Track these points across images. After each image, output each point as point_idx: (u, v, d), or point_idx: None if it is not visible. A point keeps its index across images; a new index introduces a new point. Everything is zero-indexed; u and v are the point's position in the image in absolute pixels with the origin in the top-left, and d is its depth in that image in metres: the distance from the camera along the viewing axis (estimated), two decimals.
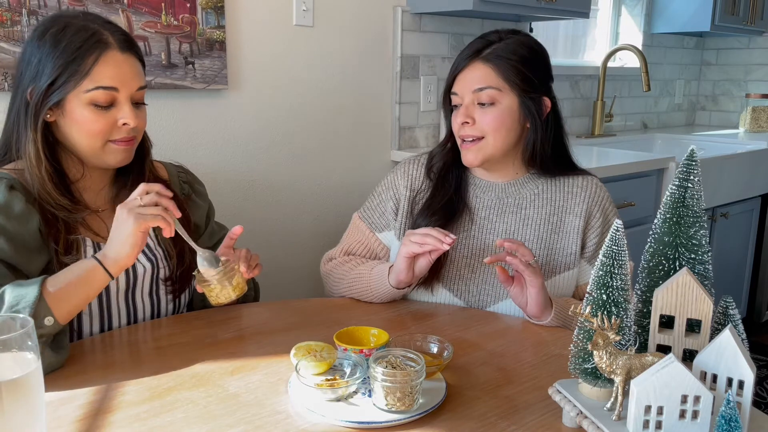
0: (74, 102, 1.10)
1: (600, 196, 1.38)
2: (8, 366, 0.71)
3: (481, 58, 1.31)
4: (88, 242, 1.17)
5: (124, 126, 1.14)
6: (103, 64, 1.10)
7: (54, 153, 1.15)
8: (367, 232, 1.45)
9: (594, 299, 0.83)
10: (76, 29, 1.10)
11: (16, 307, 0.95)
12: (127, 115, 1.13)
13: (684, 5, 3.21)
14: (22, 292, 0.97)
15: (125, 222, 1.03)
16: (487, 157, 1.33)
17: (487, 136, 1.31)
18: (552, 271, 1.35)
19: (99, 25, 1.13)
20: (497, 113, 1.30)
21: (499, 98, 1.30)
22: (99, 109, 1.11)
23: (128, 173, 1.24)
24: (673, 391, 0.75)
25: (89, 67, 1.09)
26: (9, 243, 1.06)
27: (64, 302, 1.00)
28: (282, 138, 1.99)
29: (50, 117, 1.13)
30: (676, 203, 0.85)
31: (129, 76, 1.13)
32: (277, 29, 1.91)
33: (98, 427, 0.85)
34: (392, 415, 0.88)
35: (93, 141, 1.13)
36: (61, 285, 1.01)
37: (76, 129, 1.12)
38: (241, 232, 1.19)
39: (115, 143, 1.15)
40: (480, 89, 1.30)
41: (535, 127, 1.33)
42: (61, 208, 1.13)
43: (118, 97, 1.12)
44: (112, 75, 1.11)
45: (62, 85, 1.09)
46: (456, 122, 1.34)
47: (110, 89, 1.11)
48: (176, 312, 1.30)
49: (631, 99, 3.41)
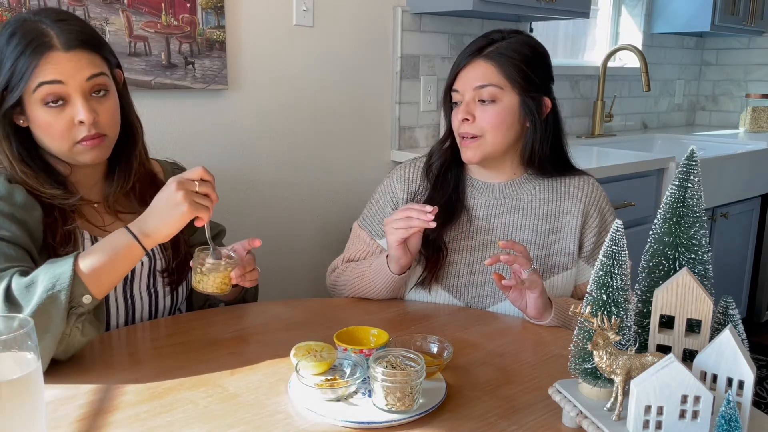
0: (30, 105, 1.09)
1: (596, 195, 1.39)
2: (8, 366, 0.71)
3: (483, 56, 1.31)
4: (86, 234, 1.17)
5: (80, 124, 1.10)
6: (44, 64, 1.07)
7: (38, 154, 1.15)
8: (369, 239, 1.45)
9: (594, 299, 0.83)
10: (24, 31, 1.08)
11: (52, 291, 0.94)
12: (78, 111, 1.09)
13: (684, 5, 3.21)
14: (56, 273, 0.96)
15: (178, 205, 1.01)
16: (486, 154, 1.33)
17: (486, 134, 1.31)
18: (550, 272, 1.35)
19: (48, 24, 1.09)
20: (498, 111, 1.30)
21: (500, 96, 1.30)
22: (52, 108, 1.09)
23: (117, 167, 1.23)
24: (673, 391, 0.75)
25: (32, 68, 1.07)
26: (21, 229, 1.06)
27: (100, 279, 1.00)
28: (282, 138, 1.99)
29: (23, 123, 1.12)
30: (676, 203, 0.85)
31: (74, 70, 1.08)
32: (277, 29, 1.91)
33: (98, 427, 0.85)
34: (392, 415, 0.88)
35: (58, 143, 1.11)
36: (95, 263, 1.00)
37: (41, 133, 1.11)
38: (259, 246, 1.19)
39: (81, 144, 1.12)
40: (481, 86, 1.30)
41: (534, 126, 1.33)
42: (54, 197, 1.12)
43: (68, 91, 1.09)
44: (53, 71, 1.08)
45: (13, 87, 1.08)
46: (456, 119, 1.34)
47: (54, 83, 1.07)
48: (174, 306, 1.30)
49: (631, 99, 3.41)
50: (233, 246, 1.20)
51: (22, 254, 1.05)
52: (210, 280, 1.13)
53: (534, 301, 1.20)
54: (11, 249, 1.04)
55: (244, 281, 1.17)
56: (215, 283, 1.13)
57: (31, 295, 0.95)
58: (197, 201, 1.03)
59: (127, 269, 1.05)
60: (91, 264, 0.99)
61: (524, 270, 1.18)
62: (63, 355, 0.99)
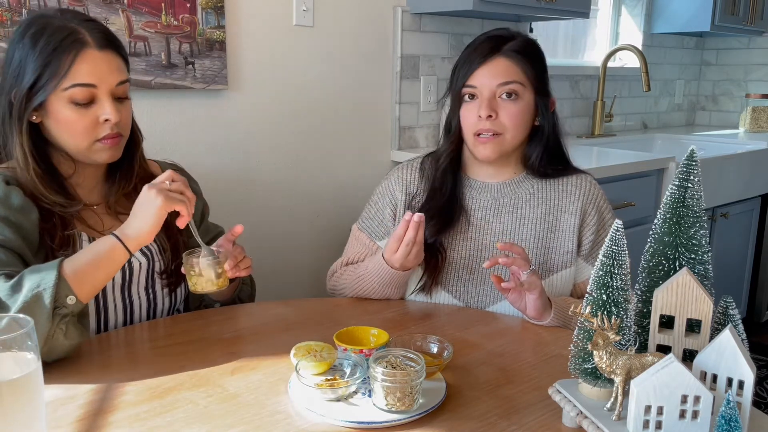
0: (55, 102, 1.10)
1: (594, 194, 1.39)
2: (8, 366, 0.71)
3: (502, 53, 1.32)
4: (84, 237, 1.17)
5: (105, 122, 1.13)
6: (80, 62, 1.09)
7: (44, 152, 1.16)
8: (368, 242, 1.45)
9: (594, 299, 0.83)
10: (54, 29, 1.10)
11: (37, 289, 0.96)
12: (107, 111, 1.12)
13: (684, 5, 3.21)
14: (41, 274, 0.98)
15: (153, 200, 1.04)
16: (503, 152, 1.34)
17: (506, 131, 1.32)
18: (549, 270, 1.36)
19: (77, 23, 1.12)
20: (521, 107, 1.32)
21: (522, 93, 1.32)
22: (79, 107, 1.11)
23: (118, 169, 1.24)
24: (673, 391, 0.75)
25: (67, 66, 1.09)
26: (15, 233, 1.07)
27: (84, 281, 1.02)
28: (282, 138, 1.99)
29: (36, 118, 1.13)
30: (676, 203, 0.85)
31: (107, 72, 1.12)
32: (277, 29, 1.91)
33: (98, 427, 0.85)
34: (392, 415, 0.88)
35: (78, 140, 1.13)
36: (80, 265, 1.02)
37: (61, 129, 1.13)
38: (241, 232, 1.20)
39: (101, 142, 1.14)
40: (505, 83, 1.31)
41: (543, 125, 1.36)
42: (55, 204, 1.13)
43: (98, 93, 1.12)
44: (89, 72, 1.10)
45: (43, 86, 1.09)
46: (472, 116, 1.32)
47: (88, 86, 1.10)
48: (172, 308, 1.30)
49: (631, 99, 3.40)
50: (217, 242, 1.21)
51: (14, 258, 1.06)
52: (205, 279, 1.13)
53: (533, 302, 1.20)
54: (2, 253, 1.05)
55: (239, 271, 1.17)
56: (211, 280, 1.13)
57: (17, 294, 0.96)
58: (170, 195, 1.05)
59: (112, 272, 1.07)
60: (75, 266, 1.02)
61: (523, 271, 1.18)
62: (46, 356, 0.99)
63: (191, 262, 1.13)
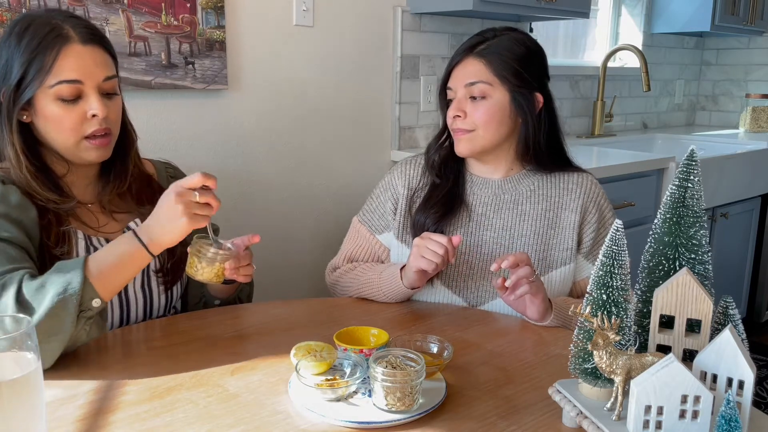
0: (42, 99, 1.10)
1: (595, 192, 1.40)
2: (8, 366, 0.71)
3: (474, 54, 1.35)
4: (80, 234, 1.17)
5: (93, 118, 1.12)
6: (64, 57, 1.09)
7: (37, 151, 1.16)
8: (368, 235, 1.46)
9: (594, 299, 0.83)
10: (38, 26, 1.10)
11: (64, 294, 0.96)
12: (94, 106, 1.12)
13: (684, 5, 3.21)
14: (67, 277, 0.98)
15: (178, 218, 1.01)
16: (478, 148, 1.36)
17: (477, 129, 1.35)
18: (549, 267, 1.36)
19: (61, 19, 1.12)
20: (488, 107, 1.33)
21: (490, 93, 1.33)
22: (66, 103, 1.11)
23: (112, 168, 1.24)
24: (673, 391, 0.75)
25: (51, 62, 1.08)
26: (17, 229, 1.07)
27: (109, 282, 1.02)
28: (282, 138, 1.99)
29: (26, 118, 1.13)
30: (676, 203, 0.85)
31: (92, 67, 1.12)
32: (277, 29, 1.91)
33: (98, 427, 0.85)
34: (392, 415, 0.88)
35: (66, 138, 1.13)
36: (104, 267, 1.02)
37: (49, 127, 1.13)
38: (258, 242, 1.19)
39: (89, 141, 1.14)
40: (471, 83, 1.33)
41: (527, 122, 1.36)
42: (49, 201, 1.13)
43: (84, 89, 1.11)
44: (73, 67, 1.10)
45: (29, 84, 1.09)
46: (449, 116, 1.38)
47: (74, 82, 1.10)
48: (168, 306, 1.30)
49: (631, 99, 3.40)
50: (234, 240, 1.20)
51: (23, 254, 1.06)
52: (204, 269, 1.12)
53: (537, 305, 1.20)
54: (13, 250, 1.05)
55: (237, 275, 1.17)
56: (208, 270, 1.12)
57: (42, 298, 0.96)
58: (197, 212, 1.03)
59: (135, 273, 1.07)
60: (100, 268, 1.01)
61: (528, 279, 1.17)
62: (67, 350, 1.01)
63: (198, 246, 1.12)
